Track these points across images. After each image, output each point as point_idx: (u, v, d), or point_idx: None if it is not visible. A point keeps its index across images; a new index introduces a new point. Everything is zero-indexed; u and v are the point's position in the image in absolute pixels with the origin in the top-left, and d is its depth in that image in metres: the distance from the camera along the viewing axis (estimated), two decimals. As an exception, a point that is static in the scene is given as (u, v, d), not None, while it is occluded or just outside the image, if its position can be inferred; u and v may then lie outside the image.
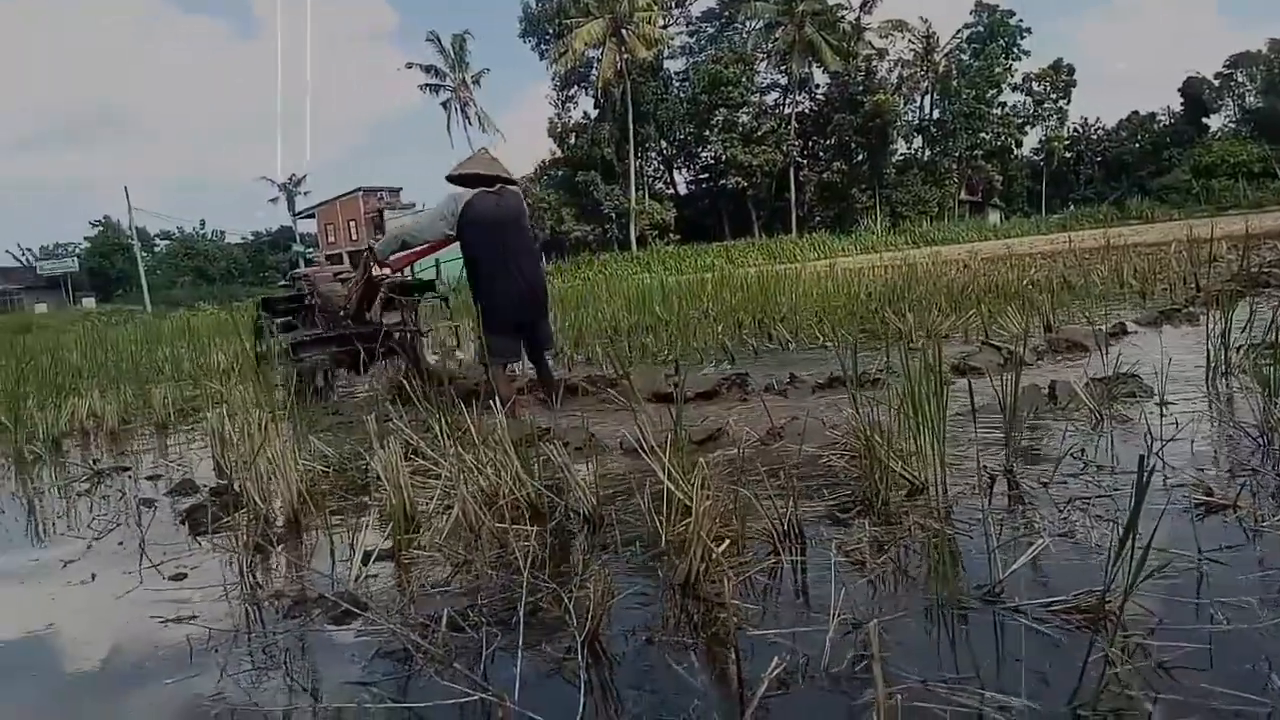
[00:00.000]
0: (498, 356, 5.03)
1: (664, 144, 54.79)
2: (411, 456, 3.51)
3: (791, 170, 49.92)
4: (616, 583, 2.28)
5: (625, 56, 47.57)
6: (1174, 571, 2.03)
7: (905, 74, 53.14)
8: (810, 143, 52.80)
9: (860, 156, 51.17)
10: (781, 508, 2.56)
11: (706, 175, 55.31)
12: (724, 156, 49.65)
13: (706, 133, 50.57)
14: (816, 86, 53.91)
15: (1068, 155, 58.58)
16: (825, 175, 50.34)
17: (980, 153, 52.64)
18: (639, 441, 3.10)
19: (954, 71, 51.67)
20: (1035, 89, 55.58)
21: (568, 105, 54.09)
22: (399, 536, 2.87)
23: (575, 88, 53.36)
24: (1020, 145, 56.28)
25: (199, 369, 9.20)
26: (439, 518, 3.06)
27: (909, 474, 2.89)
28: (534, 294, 5.20)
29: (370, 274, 6.01)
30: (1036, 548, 2.20)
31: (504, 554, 2.69)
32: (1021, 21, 52.48)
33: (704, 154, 54.15)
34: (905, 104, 52.94)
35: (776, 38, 50.40)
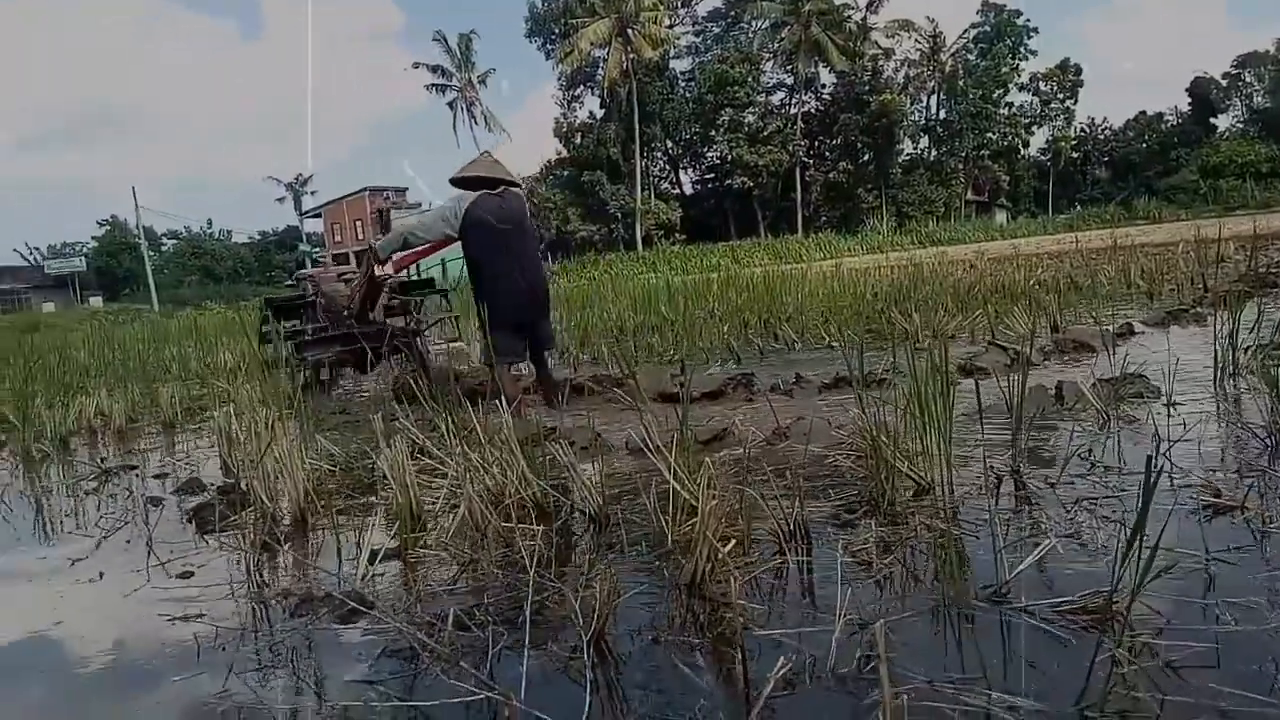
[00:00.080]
0: (503, 356, 5.06)
1: (670, 144, 54.81)
2: (418, 455, 3.51)
3: (797, 170, 49.90)
4: (622, 582, 2.28)
5: (631, 56, 47.59)
6: (1181, 572, 2.02)
7: (912, 74, 53.09)
8: (816, 143, 52.77)
9: (866, 156, 51.14)
10: (787, 508, 2.56)
11: (712, 175, 55.31)
12: (730, 156, 49.64)
13: (712, 132, 50.55)
14: (823, 86, 53.92)
15: (1075, 155, 58.49)
16: (831, 175, 50.29)
17: (987, 153, 52.59)
18: (645, 441, 3.10)
19: (961, 71, 51.60)
20: (1042, 89, 55.50)
21: (573, 105, 54.21)
22: (405, 535, 2.88)
23: (581, 88, 53.45)
24: (1027, 145, 56.23)
25: (206, 368, 9.23)
26: (445, 517, 3.06)
27: (915, 474, 2.88)
28: (536, 294, 5.25)
29: (373, 273, 6.03)
30: (1043, 548, 2.20)
31: (510, 553, 2.69)
32: (1029, 21, 52.45)
33: (710, 154, 54.15)
34: (911, 104, 52.89)
35: (782, 37, 50.39)
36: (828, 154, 52.23)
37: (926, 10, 75.34)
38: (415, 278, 9.68)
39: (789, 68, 52.00)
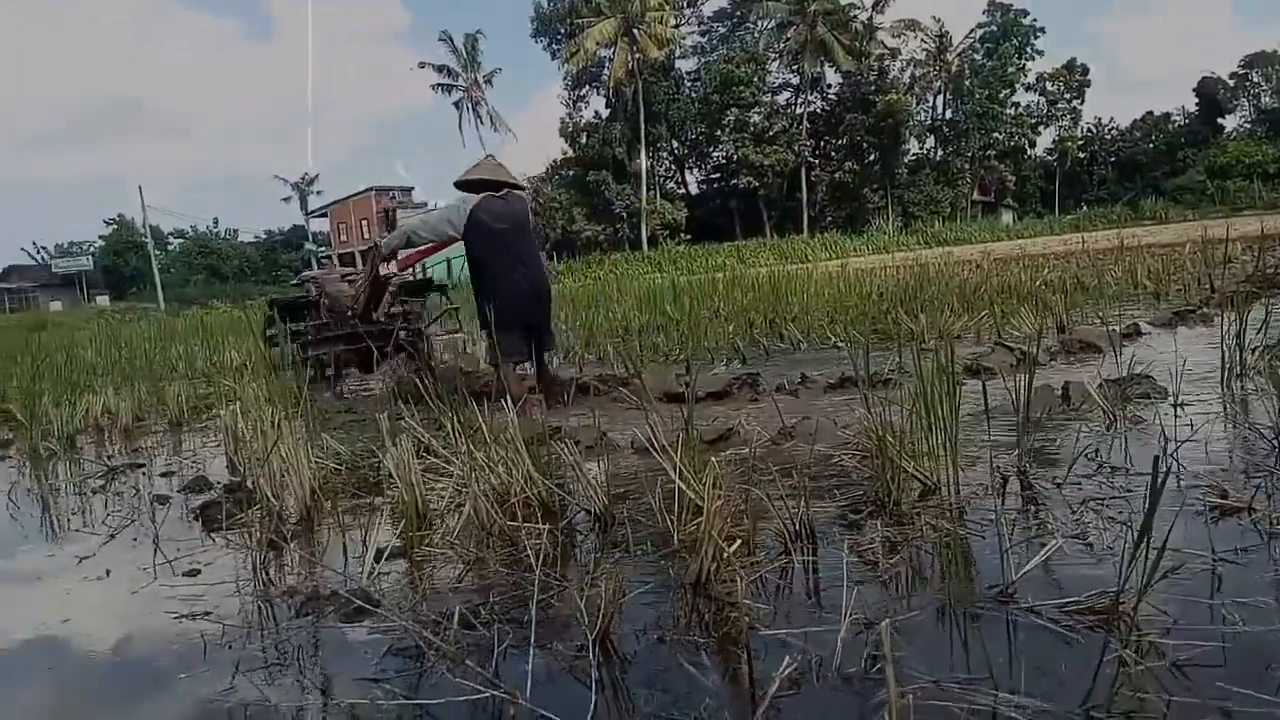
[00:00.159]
0: (508, 356, 5.09)
1: (675, 144, 54.79)
2: (423, 454, 3.52)
3: (803, 170, 49.86)
4: (628, 581, 2.28)
5: (637, 56, 47.61)
6: (1188, 573, 2.01)
7: (918, 74, 53.03)
8: (822, 142, 52.74)
9: (872, 156, 51.09)
10: (793, 507, 2.56)
11: (718, 175, 55.31)
12: (735, 156, 49.64)
13: (718, 132, 50.53)
14: (828, 86, 53.89)
15: (1081, 155, 58.36)
16: (837, 175, 50.25)
17: (993, 153, 52.46)
18: (650, 440, 3.10)
19: (967, 71, 51.51)
20: (1049, 89, 55.38)
21: (579, 105, 54.23)
22: (411, 534, 2.88)
23: (587, 87, 53.48)
24: (1033, 145, 56.10)
25: (213, 366, 9.25)
26: (451, 515, 3.06)
27: (921, 474, 2.88)
28: (538, 295, 5.35)
29: (377, 271, 6.06)
30: (1050, 548, 2.19)
31: (515, 552, 2.69)
32: (1035, 21, 52.30)
33: (715, 154, 54.16)
34: (918, 104, 52.84)
35: (788, 37, 50.36)
36: (833, 154, 52.19)
37: (933, 10, 75.32)
38: (419, 278, 9.70)
39: (795, 68, 51.99)
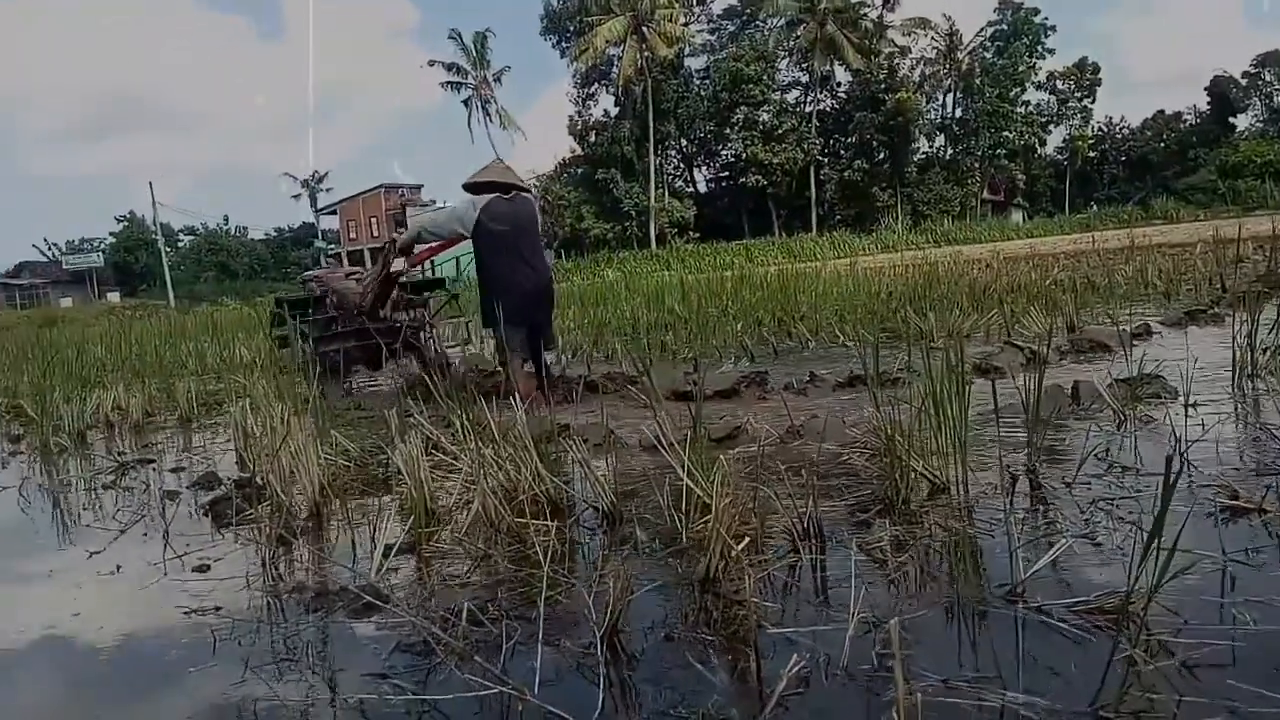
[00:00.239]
0: (515, 352, 5.21)
1: (684, 142, 54.78)
2: (432, 451, 3.52)
3: (812, 168, 49.77)
4: (635, 579, 2.28)
5: (646, 54, 47.61)
6: (1198, 573, 2.00)
7: (928, 72, 52.87)
8: (831, 141, 52.60)
9: (882, 155, 50.94)
10: (801, 506, 2.56)
11: (727, 173, 55.23)
12: (744, 154, 49.53)
13: (727, 131, 50.47)
14: (838, 84, 53.75)
15: (1092, 155, 58.11)
16: (846, 174, 50.10)
17: (1003, 152, 52.28)
18: (658, 438, 3.10)
19: (977, 70, 51.32)
20: (1060, 88, 55.14)
21: (588, 103, 54.21)
22: (419, 530, 2.89)
23: (596, 85, 53.46)
24: (1044, 144, 55.89)
25: (222, 363, 9.29)
26: (459, 512, 3.07)
27: (930, 473, 2.87)
28: (541, 295, 5.44)
29: (388, 268, 6.09)
30: (1059, 548, 2.19)
31: (523, 549, 2.70)
32: (1046, 20, 52.07)
33: (724, 152, 54.08)
34: (927, 102, 52.68)
35: (798, 35, 50.28)
36: (843, 152, 52.03)
37: (943, 8, 75.03)
38: (425, 276, 9.72)
39: (804, 66, 51.89)
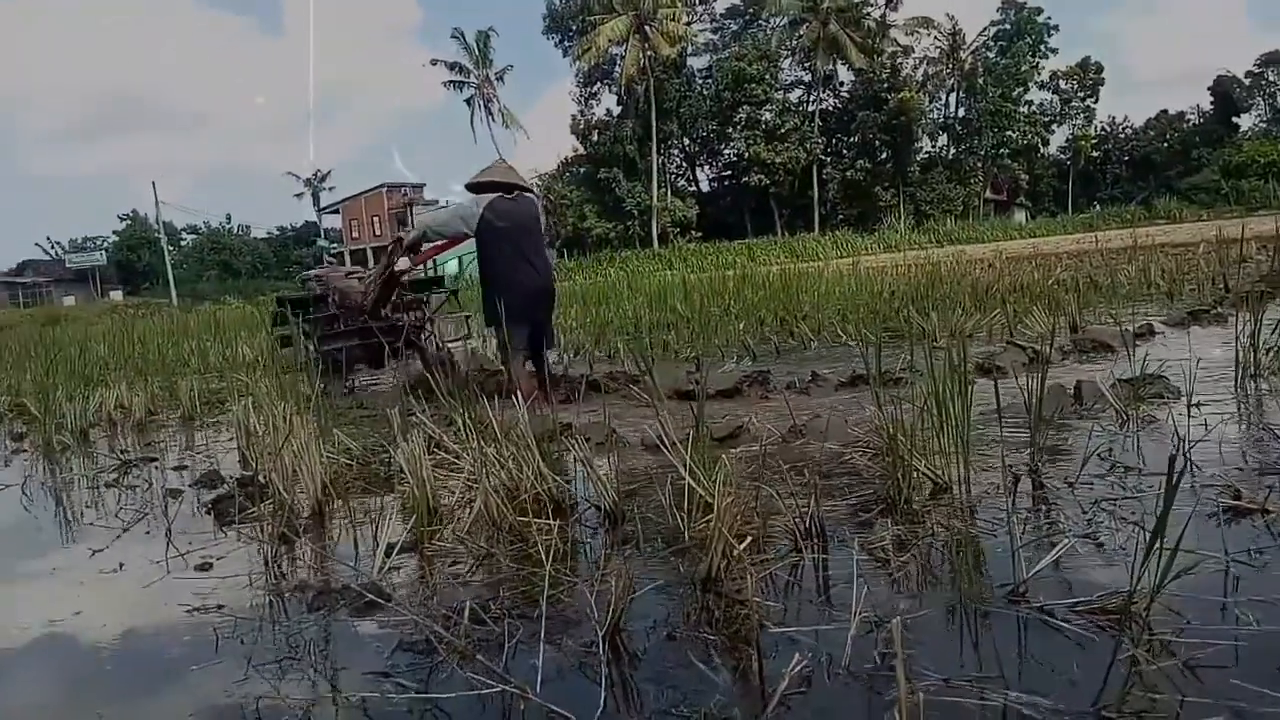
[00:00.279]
0: (517, 350, 5.24)
1: (687, 141, 54.73)
2: (434, 450, 3.53)
3: (815, 168, 49.70)
4: (637, 578, 2.28)
5: (649, 53, 47.57)
6: (1201, 573, 2.00)
7: (931, 71, 52.77)
8: (834, 140, 52.50)
9: (884, 154, 50.85)
10: (803, 505, 2.56)
11: (729, 172, 55.16)
12: (747, 154, 49.45)
13: (729, 130, 50.39)
14: (841, 84, 53.66)
15: (1095, 154, 58.02)
16: (849, 173, 50.03)
17: (1006, 151, 52.15)
18: (660, 437, 3.10)
19: (980, 69, 51.21)
20: (1063, 87, 55.05)
21: (591, 102, 54.13)
22: (421, 529, 2.89)
23: (598, 84, 53.39)
24: (1047, 144, 55.75)
25: (225, 362, 9.30)
26: (461, 511, 3.07)
27: (932, 473, 2.87)
28: (542, 293, 5.45)
29: (392, 266, 6.10)
30: (1061, 548, 2.19)
31: (525, 548, 2.70)
32: (1049, 19, 51.96)
33: (727, 151, 53.99)
34: (930, 102, 52.56)
35: (801, 34, 50.19)
36: (845, 152, 51.95)
37: (946, 7, 74.98)
38: (427, 274, 9.73)
39: (807, 65, 51.78)
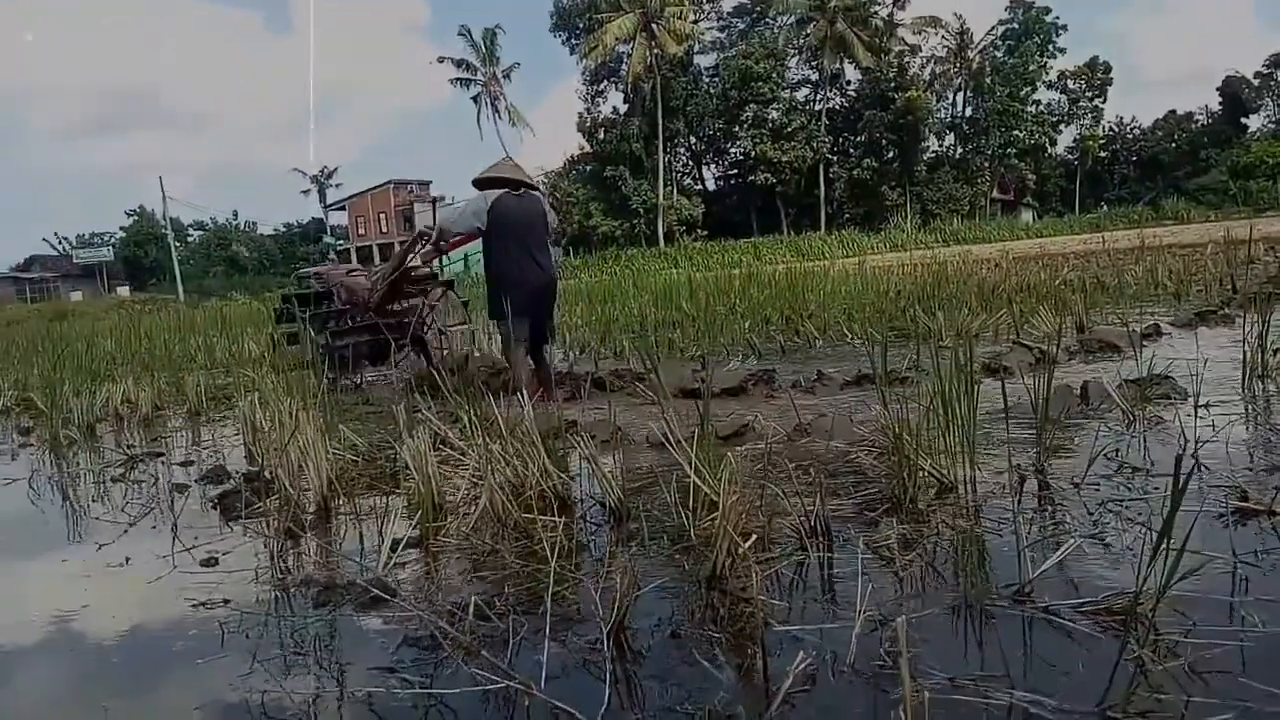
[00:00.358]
0: (519, 344, 5.28)
1: (693, 140, 54.64)
2: (439, 446, 3.53)
3: (821, 167, 49.57)
4: (642, 575, 2.28)
5: (655, 51, 47.50)
6: (1207, 575, 1.99)
7: (938, 71, 52.60)
8: (840, 139, 52.38)
9: (891, 154, 50.73)
10: (808, 504, 2.55)
11: (735, 171, 55.08)
12: (753, 153, 49.37)
13: (736, 129, 50.30)
14: (848, 83, 53.51)
15: (1103, 155, 57.76)
16: (855, 172, 49.91)
17: (1013, 151, 51.96)
18: (666, 435, 3.10)
19: (988, 68, 51.04)
20: (1070, 87, 54.84)
21: (597, 100, 54.06)
22: (427, 525, 2.89)
23: (605, 82, 53.33)
24: (1054, 144, 55.52)
25: (231, 357, 9.32)
26: (466, 507, 3.08)
27: (938, 472, 2.87)
28: (545, 288, 5.49)
29: (403, 262, 6.19)
30: (1067, 548, 2.18)
31: (530, 544, 2.70)
32: (1057, 18, 51.76)
33: (733, 150, 53.91)
34: (938, 101, 52.40)
35: (808, 33, 50.06)
36: (852, 151, 51.82)
37: (954, 6, 74.78)
38: (439, 270, 9.74)
39: (814, 64, 51.66)
